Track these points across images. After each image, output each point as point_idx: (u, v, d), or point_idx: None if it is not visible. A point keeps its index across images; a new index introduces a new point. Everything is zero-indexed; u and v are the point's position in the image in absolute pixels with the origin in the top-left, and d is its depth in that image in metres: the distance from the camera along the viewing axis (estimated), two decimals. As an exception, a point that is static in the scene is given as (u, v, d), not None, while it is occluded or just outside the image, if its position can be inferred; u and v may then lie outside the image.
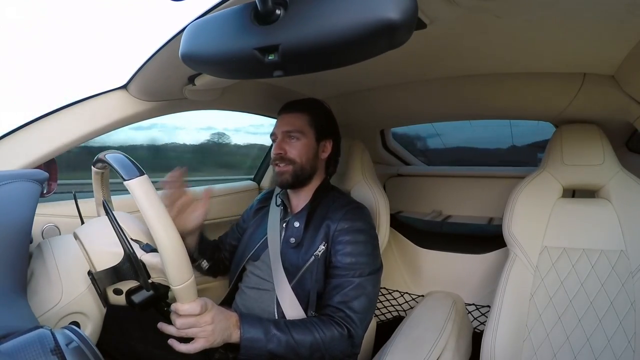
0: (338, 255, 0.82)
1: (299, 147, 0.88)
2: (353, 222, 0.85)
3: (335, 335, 0.74)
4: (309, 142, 0.89)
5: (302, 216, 0.88)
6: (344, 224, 0.84)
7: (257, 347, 0.69)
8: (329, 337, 0.73)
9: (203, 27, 0.38)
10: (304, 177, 0.90)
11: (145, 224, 0.56)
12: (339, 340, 0.74)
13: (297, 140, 0.88)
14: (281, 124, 0.91)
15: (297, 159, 0.88)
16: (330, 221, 0.85)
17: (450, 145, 1.90)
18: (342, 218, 0.85)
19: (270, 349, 0.69)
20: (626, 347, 0.81)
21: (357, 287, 0.79)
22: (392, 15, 0.29)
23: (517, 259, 0.95)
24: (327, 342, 0.73)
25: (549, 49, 0.70)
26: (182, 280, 0.57)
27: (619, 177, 0.92)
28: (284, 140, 0.89)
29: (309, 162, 0.89)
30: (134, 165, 0.57)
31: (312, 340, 0.72)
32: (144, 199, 0.55)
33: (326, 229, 0.85)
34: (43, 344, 0.35)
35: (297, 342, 0.71)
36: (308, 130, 0.89)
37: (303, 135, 0.89)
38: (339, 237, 0.83)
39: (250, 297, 0.90)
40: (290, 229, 0.88)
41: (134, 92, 0.85)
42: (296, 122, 0.89)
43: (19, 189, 0.55)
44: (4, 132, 0.76)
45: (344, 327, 0.75)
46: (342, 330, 0.75)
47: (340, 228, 0.84)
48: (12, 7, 1.10)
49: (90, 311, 0.63)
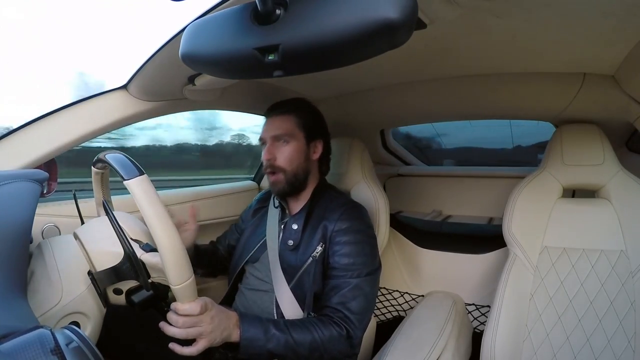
0: (335, 256, 0.81)
1: (288, 152, 0.86)
2: (350, 222, 0.84)
3: (334, 336, 0.74)
4: (299, 145, 0.87)
5: (300, 218, 0.88)
6: (342, 224, 0.84)
7: (256, 347, 0.69)
8: (327, 337, 0.73)
9: (203, 27, 0.38)
10: (299, 182, 0.88)
11: (146, 224, 0.56)
12: (337, 340, 0.74)
13: (286, 144, 0.86)
14: (269, 128, 0.88)
15: (287, 167, 0.86)
16: (327, 222, 0.85)
17: (459, 145, 1.91)
18: (339, 218, 0.84)
19: (269, 349, 0.69)
20: (626, 347, 0.81)
21: (355, 288, 0.79)
22: (392, 15, 0.29)
23: (517, 259, 0.95)
24: (326, 342, 0.73)
25: (549, 49, 0.70)
26: (182, 279, 0.57)
27: (619, 177, 0.92)
28: (273, 145, 0.87)
29: (300, 167, 0.87)
30: (133, 164, 0.57)
31: (311, 340, 0.72)
32: (143, 198, 0.55)
33: (323, 229, 0.84)
34: (43, 344, 0.35)
35: (296, 342, 0.71)
36: (297, 133, 0.87)
37: (293, 139, 0.87)
38: (337, 237, 0.83)
39: (249, 298, 0.90)
40: (288, 231, 0.88)
41: (134, 92, 0.85)
42: (284, 125, 0.87)
43: (19, 189, 0.55)
44: (4, 132, 0.76)
45: (343, 328, 0.75)
46: (340, 330, 0.75)
47: (338, 228, 0.83)
48: (11, 6, 1.10)
49: (90, 311, 0.63)
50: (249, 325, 0.69)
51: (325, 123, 0.97)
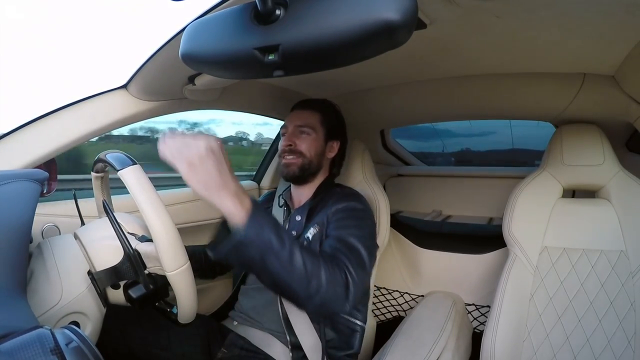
0: (330, 229, 0.79)
1: (308, 142, 0.90)
2: (348, 203, 0.84)
3: (336, 276, 0.64)
4: (318, 139, 0.91)
5: (304, 209, 0.89)
6: (339, 205, 0.84)
7: (260, 238, 0.55)
8: (330, 274, 0.62)
9: (203, 27, 0.38)
10: (311, 171, 0.91)
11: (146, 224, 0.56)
12: (338, 283, 0.64)
13: (307, 135, 0.90)
14: (294, 119, 0.93)
15: (306, 152, 0.89)
16: (327, 209, 0.85)
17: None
18: (338, 201, 0.85)
19: (273, 247, 0.56)
20: (626, 347, 0.81)
21: (352, 248, 0.72)
22: (392, 16, 0.29)
23: (517, 259, 0.95)
24: (328, 278, 0.62)
25: (549, 49, 0.70)
26: (176, 265, 0.57)
27: (619, 177, 0.92)
28: (294, 133, 0.91)
29: (316, 157, 0.91)
30: (127, 157, 0.59)
31: (315, 267, 0.61)
32: (136, 185, 0.56)
33: (323, 216, 0.84)
34: (43, 343, 0.35)
35: (303, 259, 0.59)
36: (319, 128, 0.92)
37: (314, 132, 0.91)
38: (334, 216, 0.82)
39: (253, 297, 0.90)
40: (292, 223, 0.89)
41: (134, 92, 0.85)
42: (308, 119, 0.92)
43: (19, 189, 0.55)
44: (4, 132, 0.76)
45: (344, 274, 0.66)
46: (341, 274, 0.65)
47: (335, 209, 0.83)
48: (11, 5, 1.10)
49: (90, 311, 0.62)
50: (260, 211, 0.57)
51: (345, 127, 1.00)
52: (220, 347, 0.87)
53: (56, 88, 1.21)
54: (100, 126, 0.83)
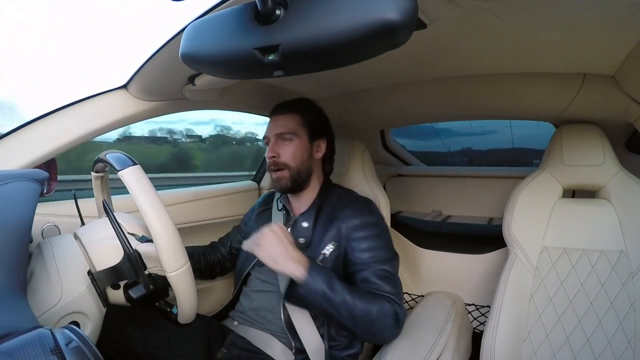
0: (356, 253, 0.82)
1: (292, 150, 0.88)
2: (363, 218, 0.86)
3: (385, 308, 0.75)
4: (302, 144, 0.89)
5: (310, 215, 0.88)
6: (355, 220, 0.85)
7: (316, 290, 0.72)
8: (379, 308, 0.75)
9: (203, 27, 0.38)
10: (302, 180, 0.89)
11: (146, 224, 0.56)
12: (387, 314, 0.75)
13: (290, 142, 0.88)
14: (273, 127, 0.90)
15: (291, 162, 0.87)
16: (339, 221, 0.85)
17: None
18: (352, 215, 0.85)
19: (327, 296, 0.72)
20: (626, 347, 0.81)
21: (383, 274, 0.80)
22: (392, 16, 0.29)
23: (517, 259, 0.95)
24: (378, 312, 0.74)
25: (549, 49, 0.70)
26: (177, 266, 0.57)
27: (619, 178, 0.92)
28: (277, 143, 0.88)
29: (303, 165, 0.89)
30: (127, 157, 0.59)
31: (366, 306, 0.74)
32: (136, 186, 0.56)
33: (337, 229, 0.85)
34: (43, 343, 0.35)
35: (354, 302, 0.73)
36: (301, 131, 0.89)
37: (296, 137, 0.88)
38: (352, 234, 0.84)
39: (255, 300, 0.90)
40: (298, 230, 0.88)
41: (134, 92, 0.85)
42: (288, 124, 0.89)
43: (19, 189, 0.55)
44: (4, 132, 0.76)
45: (391, 302, 0.77)
46: (389, 304, 0.76)
47: (352, 225, 0.84)
48: (11, 5, 1.10)
49: (90, 311, 0.62)
50: (315, 269, 0.73)
51: (329, 123, 0.98)
52: (220, 347, 0.87)
53: (56, 88, 1.21)
54: (100, 126, 0.83)
